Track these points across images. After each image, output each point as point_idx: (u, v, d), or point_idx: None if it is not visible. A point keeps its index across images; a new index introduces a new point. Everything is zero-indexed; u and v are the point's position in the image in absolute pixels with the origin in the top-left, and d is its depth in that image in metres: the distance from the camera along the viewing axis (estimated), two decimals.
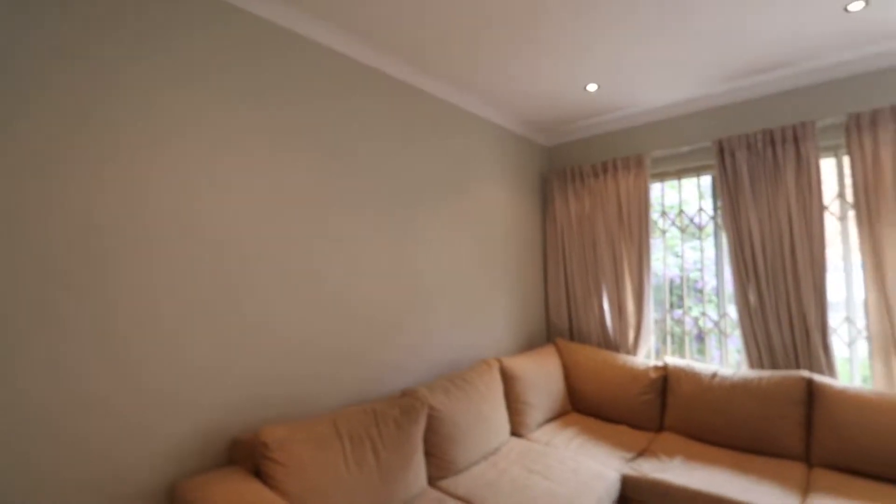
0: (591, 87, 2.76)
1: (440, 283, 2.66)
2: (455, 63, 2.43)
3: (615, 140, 3.35)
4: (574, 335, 3.36)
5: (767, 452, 2.28)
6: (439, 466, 2.07)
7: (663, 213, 3.20)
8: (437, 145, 2.72)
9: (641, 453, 2.37)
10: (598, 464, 2.22)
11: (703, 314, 3.00)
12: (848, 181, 2.53)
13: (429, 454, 2.06)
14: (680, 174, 3.11)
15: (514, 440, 2.46)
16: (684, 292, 3.11)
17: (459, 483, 2.04)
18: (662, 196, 3.24)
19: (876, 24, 2.13)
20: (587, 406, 2.89)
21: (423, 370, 2.51)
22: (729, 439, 2.37)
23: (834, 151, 2.56)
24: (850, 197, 2.49)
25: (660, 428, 2.65)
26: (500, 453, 2.31)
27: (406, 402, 1.99)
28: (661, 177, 3.18)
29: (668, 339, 3.19)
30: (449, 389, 2.24)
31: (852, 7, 2.00)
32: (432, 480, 2.05)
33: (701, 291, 3.05)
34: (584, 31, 2.15)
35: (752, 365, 2.59)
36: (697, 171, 3.03)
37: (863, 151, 2.33)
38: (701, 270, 3.05)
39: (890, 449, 1.95)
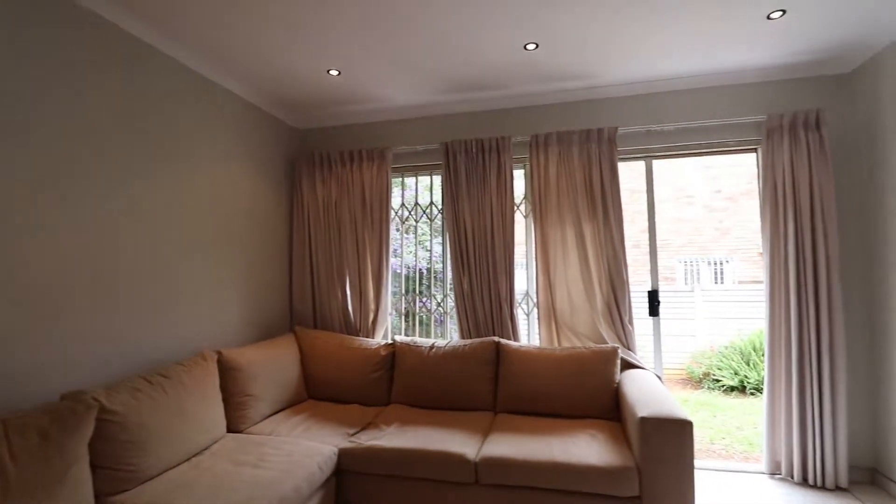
0: (333, 73, 2.79)
1: (151, 265, 2.24)
2: (182, 18, 2.09)
3: (363, 131, 3.49)
4: (318, 322, 3.33)
5: (469, 408, 2.69)
6: (116, 479, 1.70)
7: (415, 206, 3.48)
8: (162, 110, 2.31)
9: (365, 427, 2.48)
10: (318, 443, 2.21)
11: (445, 298, 3.38)
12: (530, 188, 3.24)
13: (99, 466, 1.67)
14: (417, 171, 3.44)
15: (231, 436, 2.25)
16: (431, 282, 3.45)
17: (144, 492, 1.71)
18: (416, 191, 3.53)
19: (547, 65, 2.77)
20: (324, 391, 2.88)
21: (118, 367, 2.06)
22: (441, 401, 2.71)
23: (524, 163, 3.23)
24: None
25: (388, 401, 2.84)
26: (208, 451, 2.07)
27: (62, 409, 1.56)
28: (403, 171, 3.46)
29: (417, 323, 3.48)
30: (139, 388, 1.89)
31: (530, 47, 2.56)
32: (103, 496, 1.67)
33: (442, 281, 3.44)
34: (319, 11, 2.14)
35: (462, 336, 3.03)
36: (431, 169, 3.40)
37: (538, 165, 3.01)
38: (444, 262, 3.43)
39: (543, 390, 2.55)
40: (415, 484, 2.14)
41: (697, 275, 7.89)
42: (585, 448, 2.10)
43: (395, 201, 3.45)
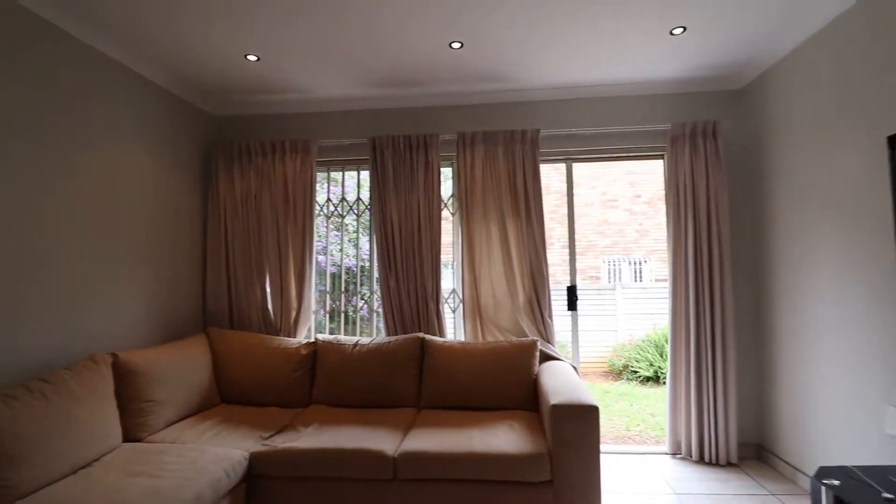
0: (252, 58, 2.66)
1: (37, 260, 2.00)
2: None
3: (286, 122, 3.35)
4: (234, 322, 3.15)
5: (394, 404, 2.66)
6: None
7: (341, 201, 3.39)
8: (60, 93, 2.08)
9: (282, 429, 2.38)
10: (228, 448, 2.09)
11: (372, 296, 3.32)
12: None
13: None
14: (345, 165, 3.37)
15: (128, 445, 2.06)
16: (359, 279, 3.38)
17: None
18: (343, 186, 3.44)
19: (473, 65, 2.81)
20: (239, 394, 2.73)
21: None
22: (364, 400, 2.66)
23: (452, 161, 3.27)
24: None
25: (308, 402, 2.75)
26: (99, 463, 1.88)
27: None
28: (329, 165, 3.37)
29: (346, 322, 3.39)
30: (14, 396, 1.68)
31: (455, 45, 2.58)
32: None
33: (370, 279, 3.38)
34: None
35: (388, 333, 3.01)
36: (358, 164, 3.35)
37: (465, 164, 3.06)
38: (371, 259, 3.38)
39: (467, 384, 2.59)
40: (333, 484, 2.09)
41: (619, 274, 8.42)
42: (503, 438, 2.15)
43: (322, 196, 3.36)
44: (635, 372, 6.07)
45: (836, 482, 1.69)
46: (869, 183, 2.07)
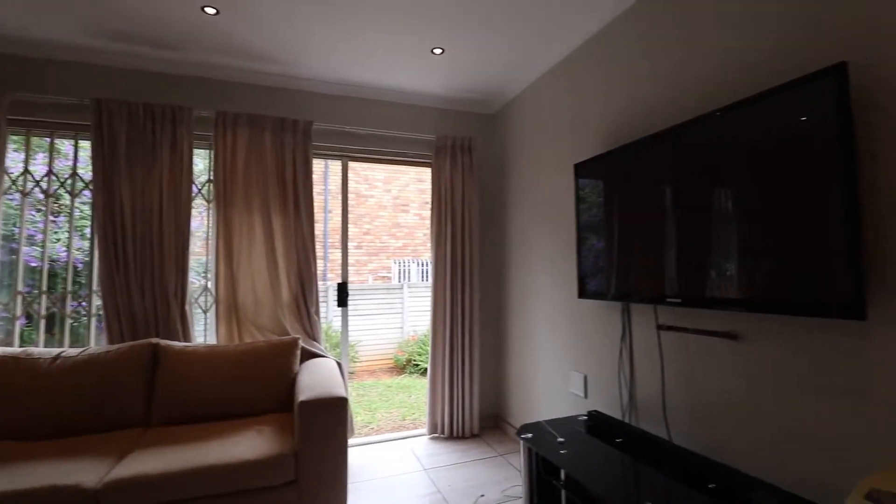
0: None
1: None
2: None
3: None
4: None
5: (113, 427, 2.18)
6: None
7: (47, 175, 2.61)
8: None
9: None
10: None
11: (91, 295, 2.64)
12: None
13: None
14: (54, 130, 2.63)
15: None
16: (70, 275, 2.64)
17: None
18: (50, 157, 2.65)
19: (231, 37, 2.54)
20: None
21: None
22: (69, 426, 2.10)
23: (210, 141, 2.89)
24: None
25: None
26: None
27: None
28: (30, 127, 2.58)
29: (66, 331, 2.60)
30: None
31: (209, 10, 2.29)
32: None
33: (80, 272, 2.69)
34: None
35: (111, 340, 2.46)
36: (76, 131, 2.66)
37: (225, 146, 2.75)
38: (92, 250, 2.69)
39: (214, 392, 2.30)
40: None
41: (409, 274, 8.96)
42: (246, 445, 1.98)
43: (16, 167, 2.54)
44: (417, 365, 6.51)
45: (531, 435, 2.09)
46: (568, 198, 2.66)
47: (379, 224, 8.90)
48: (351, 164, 3.32)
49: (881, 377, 1.25)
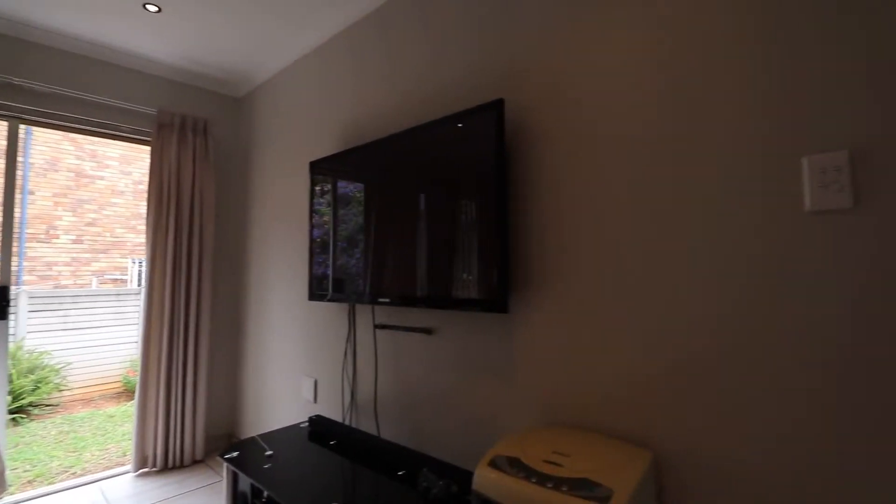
0: None
1: None
2: None
3: None
4: None
5: None
6: None
7: None
8: None
9: None
10: None
11: None
12: None
13: None
14: None
15: None
16: None
17: None
18: None
19: None
20: None
21: None
22: None
23: None
24: None
25: None
26: None
27: None
28: None
29: None
30: None
31: None
32: None
33: None
34: None
35: None
36: None
37: None
38: None
39: None
40: None
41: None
42: None
43: None
44: None
45: (236, 454, 1.88)
46: (305, 198, 2.54)
47: (111, 213, 7.14)
48: (72, 136, 2.48)
49: (519, 358, 1.53)
